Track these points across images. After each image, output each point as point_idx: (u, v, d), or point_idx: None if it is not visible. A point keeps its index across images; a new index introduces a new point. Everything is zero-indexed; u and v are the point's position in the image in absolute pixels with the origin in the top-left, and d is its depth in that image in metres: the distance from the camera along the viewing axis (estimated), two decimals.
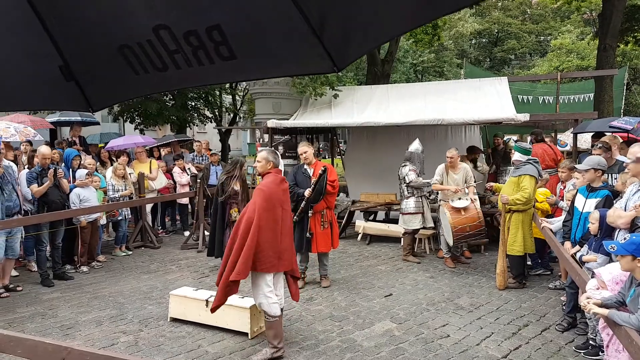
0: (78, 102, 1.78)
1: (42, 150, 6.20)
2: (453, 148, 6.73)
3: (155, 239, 8.09)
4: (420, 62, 27.81)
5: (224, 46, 1.39)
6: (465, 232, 6.15)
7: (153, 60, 1.49)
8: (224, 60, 1.42)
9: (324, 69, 1.42)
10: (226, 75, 1.63)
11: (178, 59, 1.46)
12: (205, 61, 1.44)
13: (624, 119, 5.34)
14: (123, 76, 1.59)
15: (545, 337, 4.33)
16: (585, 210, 4.30)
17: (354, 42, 1.35)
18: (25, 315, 4.99)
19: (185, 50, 1.43)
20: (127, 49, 1.50)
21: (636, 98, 22.09)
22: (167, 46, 1.43)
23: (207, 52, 1.42)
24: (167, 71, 1.50)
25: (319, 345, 4.19)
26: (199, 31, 1.37)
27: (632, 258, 2.78)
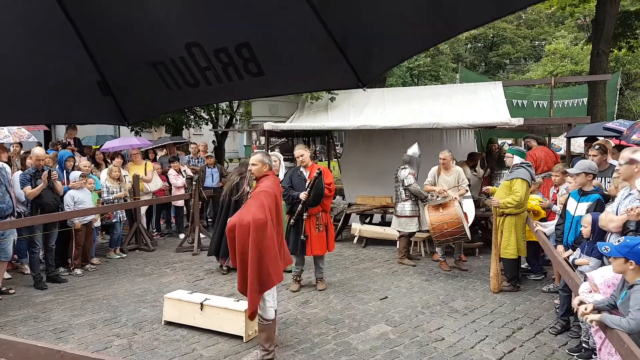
0: (114, 116, 1.84)
1: (36, 152, 6.17)
2: (446, 150, 6.75)
3: (150, 242, 8.06)
4: (416, 66, 27.91)
5: (252, 63, 1.44)
6: (444, 229, 6.08)
7: (185, 76, 1.55)
8: (253, 76, 1.47)
9: (349, 84, 1.46)
10: (254, 91, 1.69)
11: (209, 75, 1.52)
12: (234, 77, 1.49)
13: (619, 121, 5.38)
14: (156, 91, 1.65)
15: (539, 340, 4.35)
16: (577, 214, 4.34)
17: (376, 58, 1.39)
18: (18, 318, 4.95)
19: (216, 67, 1.48)
20: (161, 65, 1.56)
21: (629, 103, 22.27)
22: (199, 63, 1.49)
23: (237, 68, 1.47)
24: (199, 87, 1.56)
25: (314, 348, 4.18)
26: (229, 48, 1.43)
27: (624, 260, 2.80)
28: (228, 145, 22.11)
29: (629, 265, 2.78)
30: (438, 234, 6.11)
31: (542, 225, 5.27)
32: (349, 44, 1.35)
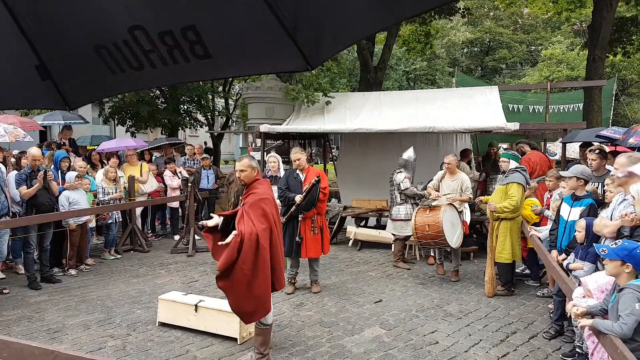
0: (54, 100, 1.80)
1: (32, 152, 6.15)
2: (451, 154, 6.59)
3: (145, 243, 8.04)
4: (412, 70, 28.04)
5: (199, 45, 1.42)
6: (425, 231, 6.01)
7: (129, 59, 1.52)
8: (200, 58, 1.45)
9: (298, 67, 1.47)
10: (202, 73, 1.65)
11: (153, 58, 1.49)
12: (180, 60, 1.47)
13: (613, 128, 5.42)
14: (99, 75, 1.61)
15: (533, 344, 4.37)
16: (570, 218, 4.36)
17: (325, 43, 1.40)
18: (12, 318, 4.93)
19: (161, 50, 1.46)
20: (103, 49, 1.52)
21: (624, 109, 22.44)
22: (143, 46, 1.46)
23: (183, 51, 1.45)
24: (144, 70, 1.53)
25: (308, 351, 4.18)
26: (174, 31, 1.41)
27: (621, 263, 2.82)
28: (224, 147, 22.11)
29: (624, 269, 2.80)
30: (420, 234, 6.08)
31: (536, 230, 5.30)
32: (298, 28, 1.36)
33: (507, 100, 14.24)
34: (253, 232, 3.55)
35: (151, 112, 11.68)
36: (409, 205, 6.89)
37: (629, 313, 2.64)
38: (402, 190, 6.81)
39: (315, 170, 5.86)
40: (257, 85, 9.58)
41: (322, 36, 1.39)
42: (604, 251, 2.95)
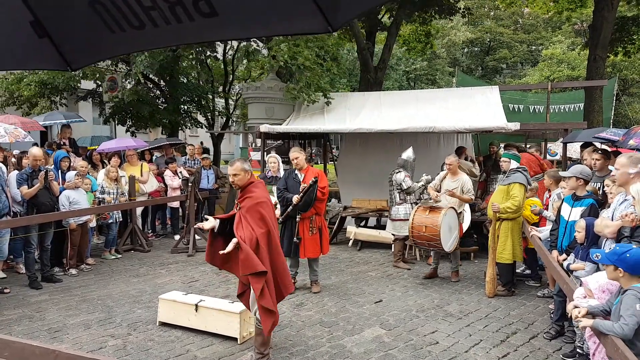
0: (54, 60, 1.70)
1: (33, 152, 6.16)
2: (452, 155, 6.55)
3: (145, 243, 8.04)
4: (412, 70, 28.05)
5: (203, 1, 1.32)
6: (421, 232, 5.94)
7: (128, 17, 1.43)
8: (205, 17, 1.35)
9: (317, 27, 1.33)
10: (207, 33, 1.52)
11: (155, 16, 1.39)
12: (184, 18, 1.37)
13: (612, 130, 5.41)
14: (98, 34, 1.52)
15: (533, 344, 4.36)
16: (570, 219, 4.36)
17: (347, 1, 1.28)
18: (13, 317, 4.93)
19: (162, 7, 1.36)
20: (99, 5, 1.43)
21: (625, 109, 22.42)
22: (142, 2, 1.37)
23: (185, 8, 1.34)
24: (145, 29, 1.44)
25: (308, 351, 4.18)
26: None
27: (614, 268, 2.82)
28: (224, 147, 22.09)
29: (618, 273, 2.80)
30: (416, 234, 6.02)
31: (537, 230, 5.29)
32: None
33: (507, 100, 14.22)
34: (253, 237, 3.55)
35: (151, 112, 11.68)
36: (408, 205, 6.89)
37: (630, 314, 2.64)
38: (405, 190, 6.80)
39: (314, 170, 5.86)
40: (257, 85, 9.58)
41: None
42: (598, 256, 2.96)
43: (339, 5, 1.29)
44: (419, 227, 5.97)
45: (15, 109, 12.06)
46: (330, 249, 6.59)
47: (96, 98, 13.00)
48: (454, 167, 6.40)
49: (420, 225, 5.96)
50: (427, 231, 5.91)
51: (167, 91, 12.66)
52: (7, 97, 11.90)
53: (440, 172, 6.79)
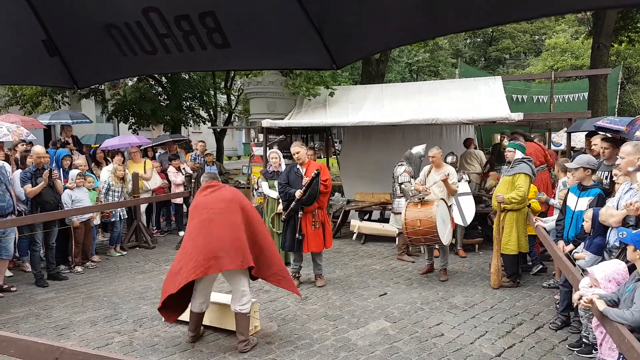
0: (62, 78, 1.74)
1: (37, 150, 6.17)
2: (435, 147, 6.31)
3: (150, 239, 8.07)
4: (415, 62, 27.87)
5: (217, 33, 1.35)
6: (416, 227, 5.73)
7: (142, 42, 1.45)
8: (217, 47, 1.39)
9: (323, 64, 1.39)
10: (218, 63, 1.57)
11: (168, 43, 1.42)
12: (197, 47, 1.40)
13: (609, 118, 5.32)
14: (110, 56, 1.55)
15: (539, 335, 4.35)
16: (577, 209, 4.33)
17: (354, 43, 1.32)
18: (20, 315, 4.97)
19: (176, 35, 1.39)
20: (114, 29, 1.46)
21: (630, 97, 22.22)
22: (157, 29, 1.39)
23: (199, 38, 1.38)
24: (157, 54, 1.47)
25: (313, 344, 4.19)
26: (191, 16, 1.34)
27: (633, 248, 2.81)
28: (227, 142, 22.10)
29: (637, 255, 2.79)
30: (410, 230, 5.78)
31: (542, 220, 5.27)
32: (326, 22, 1.28)
33: (511, 90, 14.14)
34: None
35: (154, 110, 11.69)
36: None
37: None
38: (400, 183, 6.75)
39: (315, 164, 5.84)
40: (259, 80, 9.55)
41: (350, 35, 1.31)
42: (623, 235, 2.94)
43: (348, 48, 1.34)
44: (413, 222, 5.75)
45: (19, 108, 12.10)
46: (334, 243, 6.58)
47: (98, 96, 13.01)
48: (438, 160, 6.17)
49: (414, 220, 5.74)
50: (422, 225, 5.71)
51: (169, 88, 12.65)
52: (11, 96, 11.93)
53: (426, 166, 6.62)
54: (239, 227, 3.88)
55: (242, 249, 3.81)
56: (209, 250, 3.76)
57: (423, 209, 5.78)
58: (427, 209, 5.74)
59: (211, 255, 3.74)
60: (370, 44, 1.34)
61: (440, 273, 6.08)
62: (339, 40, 1.33)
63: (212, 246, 3.77)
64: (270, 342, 4.23)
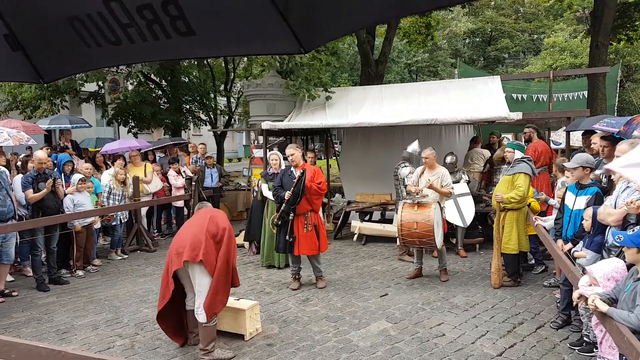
0: (27, 72, 1.73)
1: (38, 155, 6.19)
2: (429, 148, 6.19)
3: (151, 243, 8.08)
4: (414, 62, 27.88)
5: (181, 21, 1.35)
6: (412, 229, 5.69)
7: (105, 33, 1.44)
8: (182, 35, 1.38)
9: (289, 49, 1.39)
10: (185, 51, 1.57)
11: (132, 33, 1.42)
12: (161, 36, 1.40)
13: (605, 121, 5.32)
14: (74, 48, 1.54)
15: (540, 334, 4.36)
16: (575, 207, 4.33)
17: (319, 27, 1.33)
18: (21, 320, 4.98)
19: (139, 24, 1.38)
20: (77, 21, 1.45)
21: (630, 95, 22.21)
22: (119, 19, 1.39)
23: (163, 26, 1.37)
24: (121, 45, 1.46)
25: (314, 345, 4.20)
26: (154, 5, 1.33)
27: (637, 250, 2.81)
28: (227, 145, 22.13)
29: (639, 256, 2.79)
30: (406, 232, 5.71)
31: (541, 219, 5.27)
32: (290, 7, 1.29)
33: (510, 89, 14.14)
34: None
35: (153, 113, 11.70)
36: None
37: None
38: (406, 185, 6.78)
39: (310, 167, 5.83)
40: (258, 82, 9.57)
41: (316, 19, 1.31)
42: (620, 238, 2.93)
43: (312, 31, 1.34)
44: (409, 224, 5.70)
45: (19, 112, 12.11)
46: (335, 244, 6.59)
47: (99, 100, 13.03)
48: (431, 161, 6.04)
49: (410, 222, 5.69)
50: (419, 227, 5.65)
51: (168, 91, 12.66)
52: (10, 101, 11.94)
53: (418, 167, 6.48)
54: (202, 229, 3.95)
55: (198, 245, 3.87)
56: (174, 247, 3.97)
57: (420, 211, 5.73)
58: (425, 212, 5.70)
59: (175, 252, 3.93)
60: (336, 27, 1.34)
61: (440, 274, 6.05)
62: (305, 24, 1.33)
63: (177, 243, 3.97)
64: (271, 344, 4.24)
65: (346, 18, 1.28)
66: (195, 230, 3.96)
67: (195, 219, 4.18)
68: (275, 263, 6.70)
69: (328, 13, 1.29)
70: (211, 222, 3.99)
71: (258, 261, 7.02)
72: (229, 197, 10.37)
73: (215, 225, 3.99)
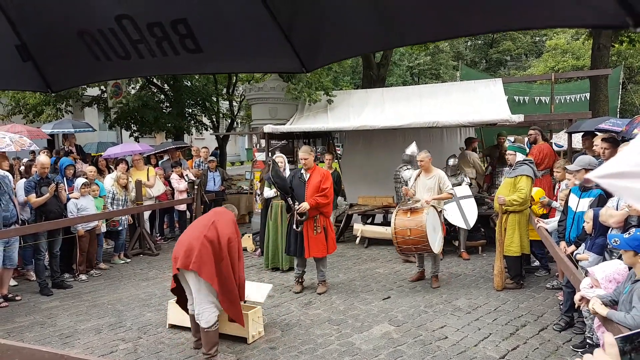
0: (35, 82, 1.77)
1: (41, 160, 6.22)
2: (424, 151, 6.09)
3: (154, 246, 8.10)
4: (416, 65, 27.90)
5: (189, 39, 1.40)
6: (406, 236, 5.53)
7: (115, 48, 1.49)
8: (189, 52, 1.43)
9: (292, 68, 1.45)
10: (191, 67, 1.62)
11: (141, 48, 1.46)
12: (170, 52, 1.44)
13: (611, 121, 5.33)
14: (83, 61, 1.58)
15: (543, 336, 4.35)
16: (578, 209, 4.33)
17: (322, 49, 1.39)
18: (25, 324, 4.99)
19: (149, 41, 1.42)
20: (87, 35, 1.49)
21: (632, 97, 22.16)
22: (130, 36, 1.43)
23: (172, 44, 1.42)
24: (130, 59, 1.50)
25: (317, 349, 4.20)
26: (164, 23, 1.38)
27: (634, 253, 2.81)
28: (230, 149, 22.16)
29: (638, 259, 2.79)
30: (400, 240, 5.57)
31: (544, 222, 5.26)
32: (293, 30, 1.34)
33: (512, 92, 14.15)
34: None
35: (156, 117, 11.75)
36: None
37: None
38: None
39: (320, 170, 5.84)
40: (260, 86, 9.59)
41: (318, 41, 1.37)
42: (616, 242, 2.93)
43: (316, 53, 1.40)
44: (402, 231, 5.55)
45: (22, 117, 12.18)
46: (338, 247, 6.57)
47: (101, 104, 13.10)
48: (426, 164, 5.94)
49: (404, 229, 5.53)
50: (412, 234, 5.49)
51: (171, 95, 12.71)
52: (13, 105, 12.01)
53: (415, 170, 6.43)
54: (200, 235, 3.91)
55: (191, 252, 3.84)
56: (174, 250, 4.02)
57: (413, 217, 5.58)
58: (417, 217, 5.55)
59: (173, 256, 3.99)
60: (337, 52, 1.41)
61: (432, 280, 5.88)
62: (307, 46, 1.38)
63: (176, 247, 4.02)
64: (274, 348, 4.24)
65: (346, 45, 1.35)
66: (193, 235, 3.94)
67: (198, 223, 4.17)
68: (280, 265, 6.71)
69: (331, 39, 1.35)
70: (212, 227, 3.93)
71: (261, 264, 7.03)
72: (231, 200, 10.39)
73: (215, 231, 3.91)
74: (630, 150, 0.95)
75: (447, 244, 7.63)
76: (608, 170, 0.91)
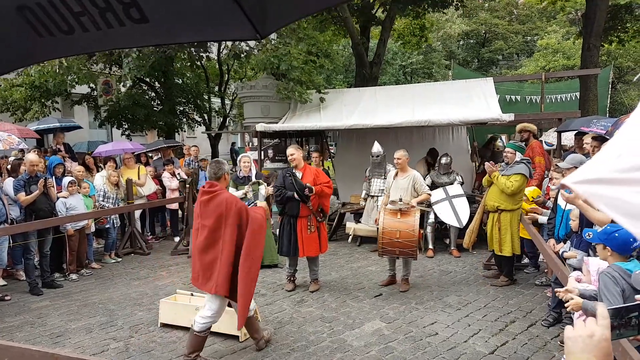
0: None
1: (30, 158, 6.17)
2: (402, 149, 5.94)
3: (145, 246, 8.06)
4: (409, 64, 27.99)
5: (134, 8, 1.34)
6: (394, 238, 5.34)
7: (57, 22, 1.43)
8: (135, 22, 1.38)
9: (246, 35, 1.42)
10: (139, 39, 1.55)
11: (84, 21, 1.40)
12: (114, 23, 1.39)
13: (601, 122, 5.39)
14: (26, 39, 1.52)
15: (532, 332, 4.40)
16: (567, 207, 4.38)
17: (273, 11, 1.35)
18: (14, 324, 4.96)
19: (92, 12, 1.37)
20: (27, 10, 1.42)
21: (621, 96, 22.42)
22: (71, 7, 1.37)
23: (116, 14, 1.36)
24: (74, 34, 1.45)
25: (309, 346, 4.21)
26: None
27: (603, 246, 2.85)
28: (222, 147, 22.06)
29: (607, 252, 2.83)
30: (387, 241, 5.36)
31: (541, 211, 5.30)
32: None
33: (504, 91, 14.25)
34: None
35: (147, 115, 11.68)
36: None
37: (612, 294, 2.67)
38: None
39: (312, 168, 5.84)
40: (252, 84, 9.58)
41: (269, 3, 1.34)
42: (590, 235, 2.98)
43: (267, 16, 1.36)
44: (391, 232, 5.34)
45: (10, 115, 12.05)
46: (330, 245, 6.60)
47: (91, 102, 12.99)
48: (403, 163, 5.82)
49: (393, 231, 5.33)
50: (401, 237, 5.31)
51: (162, 93, 12.65)
52: (1, 103, 11.88)
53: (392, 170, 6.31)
54: (218, 249, 3.76)
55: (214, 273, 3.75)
56: (194, 268, 3.92)
57: (404, 219, 5.42)
58: (408, 220, 5.40)
59: (195, 274, 3.90)
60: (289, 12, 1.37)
61: (402, 283, 5.73)
62: (259, 10, 1.34)
63: (195, 265, 3.90)
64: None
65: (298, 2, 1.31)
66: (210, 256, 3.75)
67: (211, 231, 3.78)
68: (277, 261, 6.74)
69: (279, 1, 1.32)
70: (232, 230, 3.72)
71: None
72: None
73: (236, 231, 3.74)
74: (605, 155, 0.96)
75: (438, 241, 7.69)
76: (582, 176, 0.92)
